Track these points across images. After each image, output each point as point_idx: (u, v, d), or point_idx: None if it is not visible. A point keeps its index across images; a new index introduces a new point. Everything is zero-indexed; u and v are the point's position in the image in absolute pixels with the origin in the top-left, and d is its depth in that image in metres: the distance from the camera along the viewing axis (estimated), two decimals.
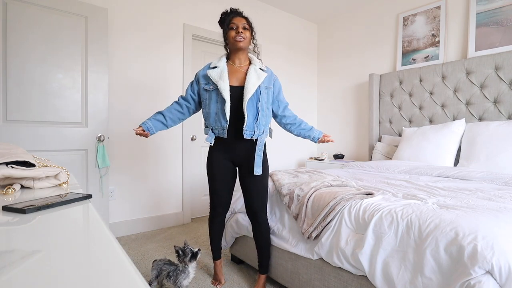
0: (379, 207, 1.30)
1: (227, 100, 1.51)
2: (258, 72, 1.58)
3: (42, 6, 2.11)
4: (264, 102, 1.59)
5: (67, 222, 0.54)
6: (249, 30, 1.59)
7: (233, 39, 1.55)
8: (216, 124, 1.58)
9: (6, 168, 0.75)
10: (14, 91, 2.05)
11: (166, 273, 1.56)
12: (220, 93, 1.53)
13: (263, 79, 1.57)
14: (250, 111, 1.54)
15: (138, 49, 2.75)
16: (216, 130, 1.60)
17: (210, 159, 1.68)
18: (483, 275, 0.92)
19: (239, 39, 1.54)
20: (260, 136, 1.59)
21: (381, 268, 1.18)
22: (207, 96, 1.60)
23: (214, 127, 1.60)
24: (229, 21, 1.57)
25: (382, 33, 3.52)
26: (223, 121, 1.55)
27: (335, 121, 4.11)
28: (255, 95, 1.55)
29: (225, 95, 1.51)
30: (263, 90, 1.58)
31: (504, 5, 2.55)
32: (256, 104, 1.55)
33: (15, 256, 0.36)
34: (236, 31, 1.55)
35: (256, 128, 1.57)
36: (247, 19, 1.59)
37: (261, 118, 1.58)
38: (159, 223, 2.92)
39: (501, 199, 1.40)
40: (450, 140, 2.53)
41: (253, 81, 1.54)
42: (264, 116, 1.60)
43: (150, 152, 2.86)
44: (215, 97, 1.56)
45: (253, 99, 1.54)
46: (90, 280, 0.31)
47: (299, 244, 1.57)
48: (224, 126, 1.55)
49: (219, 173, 1.66)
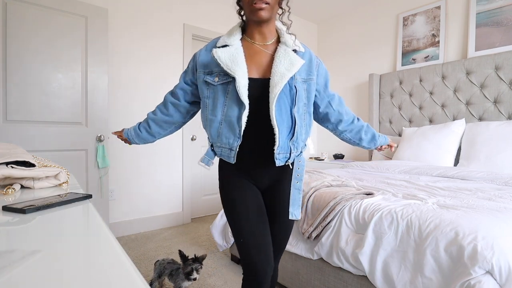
0: (379, 207, 1.30)
1: (245, 103, 0.92)
2: (291, 56, 0.96)
3: (42, 6, 2.11)
4: (302, 105, 1.00)
5: (67, 222, 0.54)
6: None
7: (249, 4, 0.92)
8: (221, 141, 0.99)
9: (6, 168, 0.75)
10: (14, 91, 2.05)
11: (169, 271, 1.55)
12: (229, 91, 0.95)
13: (297, 69, 0.95)
14: (283, 121, 0.95)
15: (138, 49, 2.75)
16: (218, 149, 1.01)
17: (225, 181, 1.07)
18: (483, 275, 0.92)
19: (259, 5, 0.90)
20: (297, 157, 1.05)
21: (381, 268, 1.18)
22: (209, 93, 0.99)
23: (215, 143, 1.01)
24: None
25: (382, 33, 3.52)
26: (232, 136, 0.96)
27: None
28: (289, 93, 0.97)
29: (243, 94, 0.92)
30: (300, 85, 0.99)
31: (504, 5, 2.55)
32: (291, 109, 0.97)
33: (15, 256, 0.36)
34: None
35: (293, 147, 0.99)
36: None
37: (300, 131, 1.00)
38: (159, 223, 2.92)
39: (501, 199, 1.40)
40: (450, 140, 2.53)
41: (281, 71, 0.93)
42: (304, 126, 1.02)
43: (150, 152, 2.86)
44: (221, 97, 0.96)
45: (285, 101, 0.96)
46: (90, 280, 0.31)
47: (299, 244, 1.57)
48: (233, 145, 0.97)
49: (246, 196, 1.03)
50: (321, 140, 4.33)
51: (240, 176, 1.04)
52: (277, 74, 0.93)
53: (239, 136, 0.95)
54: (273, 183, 1.07)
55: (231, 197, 1.03)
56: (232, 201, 1.03)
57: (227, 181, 1.06)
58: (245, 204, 1.01)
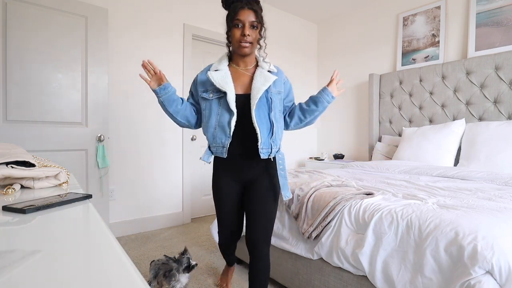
0: (379, 207, 1.30)
1: (234, 111, 1.24)
2: (265, 74, 1.29)
3: (42, 6, 2.11)
4: (278, 111, 1.33)
5: (67, 222, 0.54)
6: (258, 27, 1.26)
7: (237, 42, 1.24)
8: (215, 141, 1.30)
9: (6, 168, 0.75)
10: (14, 91, 2.05)
11: (163, 272, 1.55)
12: (221, 103, 1.27)
13: (270, 83, 1.26)
14: (263, 123, 1.26)
15: (138, 48, 2.75)
16: (213, 148, 1.32)
17: (216, 181, 1.41)
18: (483, 275, 0.92)
19: (244, 45, 1.23)
20: (277, 153, 1.34)
21: (381, 268, 1.18)
22: (205, 106, 1.31)
23: (211, 144, 1.32)
24: (233, 14, 1.23)
25: (382, 33, 3.52)
26: (224, 137, 1.27)
27: (335, 121, 4.11)
28: (266, 103, 1.27)
29: (232, 105, 1.23)
30: (275, 96, 1.31)
31: (504, 5, 2.55)
32: (269, 115, 1.27)
33: (15, 256, 0.36)
34: (241, 32, 1.23)
35: (273, 143, 1.29)
36: (256, 12, 1.24)
37: (277, 131, 1.31)
38: (159, 223, 2.92)
39: (501, 199, 1.40)
40: (450, 140, 2.54)
41: (258, 86, 1.25)
42: (280, 127, 1.35)
43: (150, 152, 2.86)
44: (216, 108, 1.27)
45: (263, 109, 1.27)
46: (90, 280, 0.31)
47: (299, 244, 1.57)
48: (225, 143, 1.27)
49: (227, 199, 1.39)
50: (321, 140, 4.33)
51: (227, 172, 1.36)
52: (255, 88, 1.25)
53: (229, 136, 1.25)
54: (256, 177, 1.34)
55: (217, 185, 1.40)
56: (217, 188, 1.40)
57: (218, 174, 1.40)
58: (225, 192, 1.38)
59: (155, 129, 2.88)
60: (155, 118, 2.87)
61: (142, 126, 2.80)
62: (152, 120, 2.85)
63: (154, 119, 2.86)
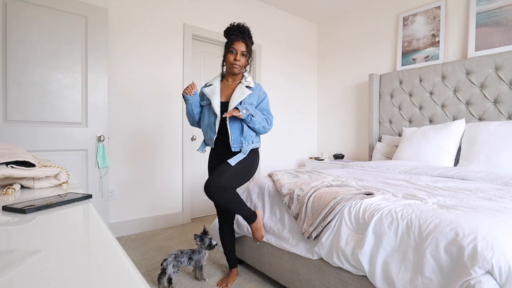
0: (379, 207, 1.30)
1: (218, 114, 1.68)
2: (243, 89, 1.70)
3: (42, 6, 2.11)
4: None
5: (67, 222, 0.54)
6: (247, 56, 1.71)
7: (230, 63, 1.68)
8: (207, 136, 1.78)
9: (6, 168, 0.75)
10: (14, 91, 2.05)
11: (187, 258, 1.75)
12: (211, 108, 1.71)
13: (245, 96, 1.67)
14: (235, 125, 1.69)
15: (138, 49, 2.75)
16: (207, 141, 1.82)
17: (209, 160, 1.87)
18: (483, 275, 0.92)
19: (235, 66, 1.69)
20: (247, 146, 1.72)
21: (381, 268, 1.18)
22: (203, 110, 1.79)
23: (205, 138, 1.81)
24: (230, 43, 1.67)
25: (382, 33, 3.52)
26: (212, 133, 1.74)
27: (335, 121, 4.11)
28: None
29: (216, 109, 1.68)
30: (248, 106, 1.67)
31: (504, 5, 2.55)
32: (240, 119, 1.67)
33: (15, 256, 0.36)
34: (234, 57, 1.67)
35: (244, 140, 1.71)
36: (247, 45, 1.68)
37: (247, 132, 1.70)
38: (159, 223, 2.92)
39: (501, 199, 1.40)
40: (450, 140, 2.53)
41: (235, 98, 1.67)
42: (250, 129, 1.72)
43: (150, 152, 2.86)
44: (207, 111, 1.74)
45: None
46: (90, 280, 0.31)
47: (299, 244, 1.57)
48: (213, 137, 1.74)
49: (212, 168, 1.83)
50: (321, 140, 4.33)
51: (214, 156, 1.82)
52: (232, 99, 1.68)
53: (215, 132, 1.73)
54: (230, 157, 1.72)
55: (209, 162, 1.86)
56: (209, 163, 1.87)
57: (210, 156, 1.86)
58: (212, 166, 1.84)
59: (155, 129, 2.88)
60: (155, 118, 2.87)
61: (142, 126, 2.80)
62: (152, 120, 2.85)
63: (154, 119, 2.86)
